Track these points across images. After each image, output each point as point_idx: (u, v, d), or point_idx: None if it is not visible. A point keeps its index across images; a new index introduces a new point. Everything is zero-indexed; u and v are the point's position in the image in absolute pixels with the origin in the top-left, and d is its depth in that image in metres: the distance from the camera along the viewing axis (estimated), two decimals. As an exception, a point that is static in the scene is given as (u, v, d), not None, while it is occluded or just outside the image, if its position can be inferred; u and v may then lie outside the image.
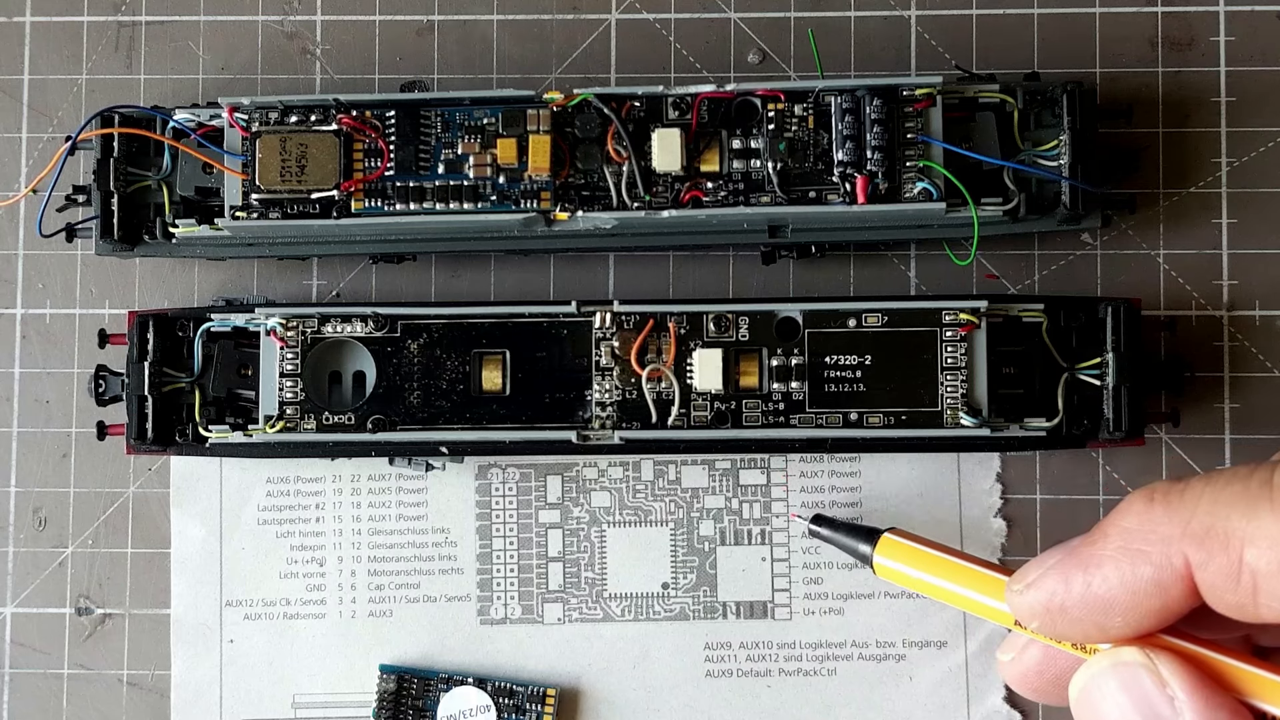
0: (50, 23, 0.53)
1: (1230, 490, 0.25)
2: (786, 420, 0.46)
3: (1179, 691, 0.26)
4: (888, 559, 0.35)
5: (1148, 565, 0.26)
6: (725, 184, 0.47)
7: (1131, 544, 0.26)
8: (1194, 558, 0.25)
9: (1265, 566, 0.24)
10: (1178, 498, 0.26)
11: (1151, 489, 0.26)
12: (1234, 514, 0.25)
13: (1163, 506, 0.26)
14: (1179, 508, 0.25)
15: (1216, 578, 0.25)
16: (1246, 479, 0.25)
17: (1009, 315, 0.47)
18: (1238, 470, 0.25)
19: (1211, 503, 0.25)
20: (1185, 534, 0.25)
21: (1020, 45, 0.52)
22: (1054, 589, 0.27)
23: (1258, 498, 0.24)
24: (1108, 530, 0.26)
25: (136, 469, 0.52)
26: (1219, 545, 0.25)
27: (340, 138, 0.47)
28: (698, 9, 0.52)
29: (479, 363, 0.47)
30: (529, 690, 0.49)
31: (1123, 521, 0.26)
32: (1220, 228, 0.51)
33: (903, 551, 0.35)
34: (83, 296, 0.53)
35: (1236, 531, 0.24)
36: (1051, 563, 0.27)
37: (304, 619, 0.51)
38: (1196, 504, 0.25)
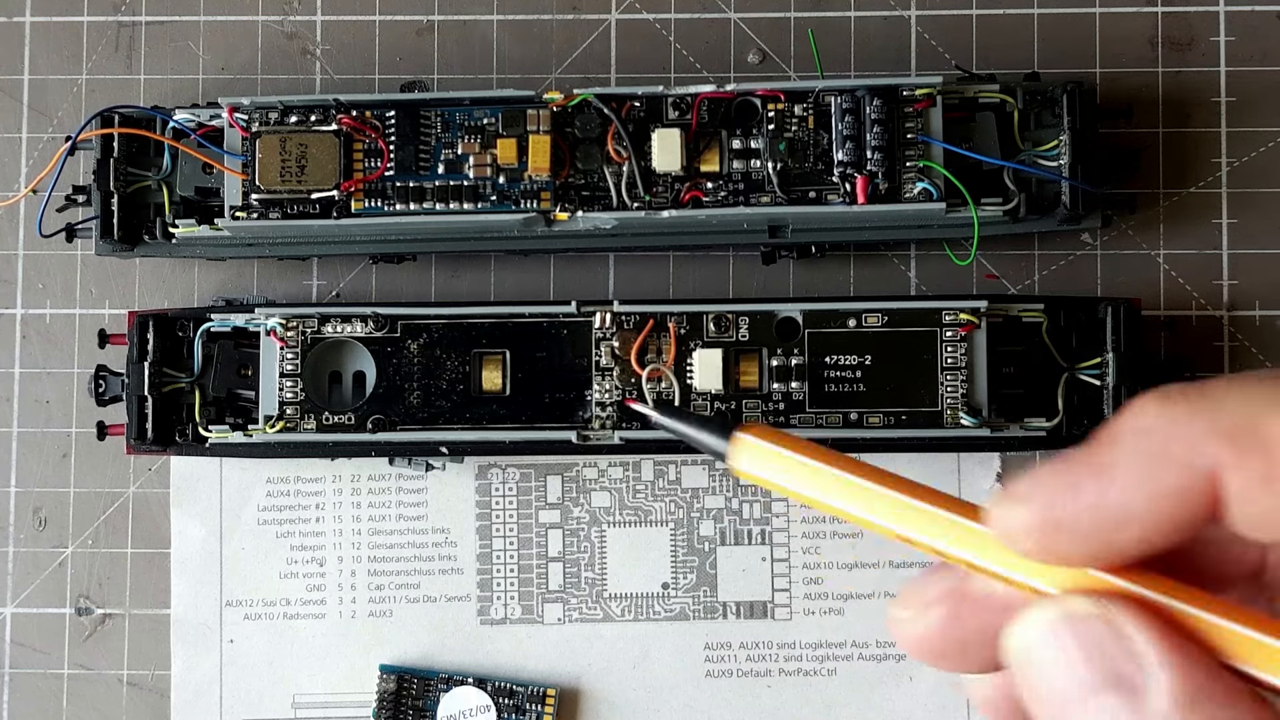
0: (50, 23, 0.53)
1: (1263, 389, 0.22)
2: (787, 420, 0.46)
3: (1146, 648, 0.22)
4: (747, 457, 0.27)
5: (1171, 468, 0.22)
6: (725, 184, 0.47)
7: (1151, 446, 0.22)
8: (1224, 457, 0.22)
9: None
10: (1199, 395, 0.22)
11: (1166, 389, 0.23)
12: (1270, 412, 0.22)
13: (1183, 405, 0.22)
14: (1203, 404, 0.22)
15: (1249, 481, 0.22)
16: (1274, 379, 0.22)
17: (1009, 315, 0.47)
18: (1265, 372, 0.23)
19: (1242, 399, 0.22)
20: (1213, 431, 0.22)
21: (1020, 45, 0.52)
22: (1056, 500, 0.23)
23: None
24: (1117, 434, 0.23)
25: (136, 469, 0.52)
26: (1254, 444, 0.22)
27: (340, 138, 0.47)
28: (698, 9, 0.52)
29: (479, 363, 0.47)
30: (529, 690, 0.49)
31: (1136, 423, 0.23)
32: (1220, 228, 0.51)
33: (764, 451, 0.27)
34: (83, 296, 0.53)
35: (1274, 430, 0.21)
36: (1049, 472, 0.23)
37: (304, 619, 0.51)
38: (1225, 399, 0.22)
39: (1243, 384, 0.22)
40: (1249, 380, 0.22)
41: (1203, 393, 0.22)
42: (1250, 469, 0.22)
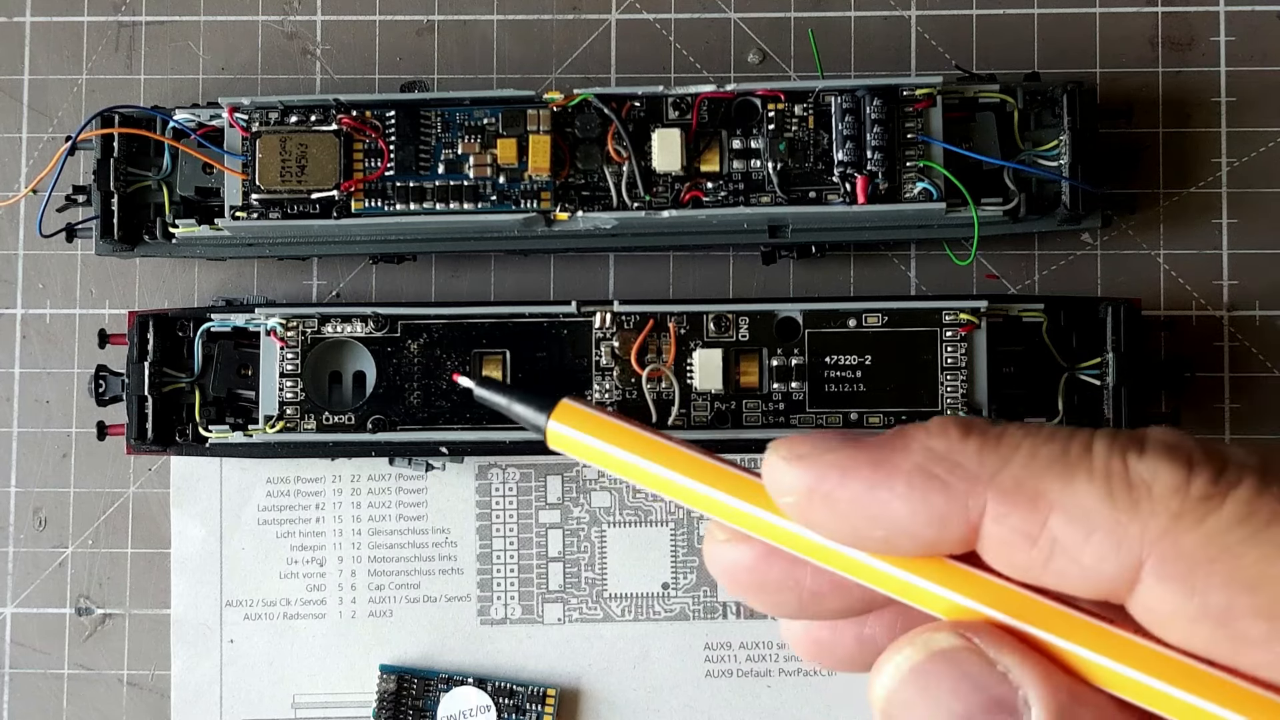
0: (50, 23, 0.53)
1: (1049, 449, 0.23)
2: (787, 420, 0.46)
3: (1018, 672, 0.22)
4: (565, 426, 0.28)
5: (942, 496, 0.23)
6: (725, 184, 0.47)
7: (933, 468, 0.23)
8: (994, 509, 0.23)
9: (1067, 537, 0.22)
10: (994, 440, 0.23)
11: (969, 421, 0.24)
12: (1049, 475, 0.23)
13: (977, 443, 0.23)
14: (994, 452, 0.23)
15: (1011, 535, 0.23)
16: (1067, 441, 0.23)
17: (1009, 315, 0.47)
18: (1058, 431, 0.24)
19: (1029, 457, 0.23)
20: (993, 481, 0.23)
21: (1020, 45, 0.52)
22: (829, 474, 0.24)
23: (1076, 464, 0.23)
24: (910, 443, 0.24)
25: (136, 469, 0.52)
26: (1025, 503, 0.23)
27: (340, 138, 0.47)
28: (698, 9, 0.52)
29: (479, 363, 0.47)
30: (529, 690, 0.49)
31: (931, 441, 0.24)
32: (1220, 228, 0.51)
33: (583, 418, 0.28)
34: (83, 296, 0.53)
35: (1047, 494, 0.23)
36: (833, 444, 0.24)
37: (304, 619, 0.51)
38: (1013, 454, 0.23)
39: (1035, 439, 0.23)
40: (1041, 436, 0.23)
41: (999, 438, 0.23)
42: (1015, 524, 0.23)
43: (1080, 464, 0.23)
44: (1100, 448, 0.23)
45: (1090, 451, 0.23)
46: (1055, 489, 0.22)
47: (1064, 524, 0.22)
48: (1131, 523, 0.22)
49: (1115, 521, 0.22)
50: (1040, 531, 0.22)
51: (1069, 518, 0.22)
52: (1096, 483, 0.22)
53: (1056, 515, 0.22)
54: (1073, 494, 0.22)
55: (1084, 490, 0.22)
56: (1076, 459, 0.23)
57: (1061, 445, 0.23)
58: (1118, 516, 0.22)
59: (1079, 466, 0.23)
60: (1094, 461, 0.23)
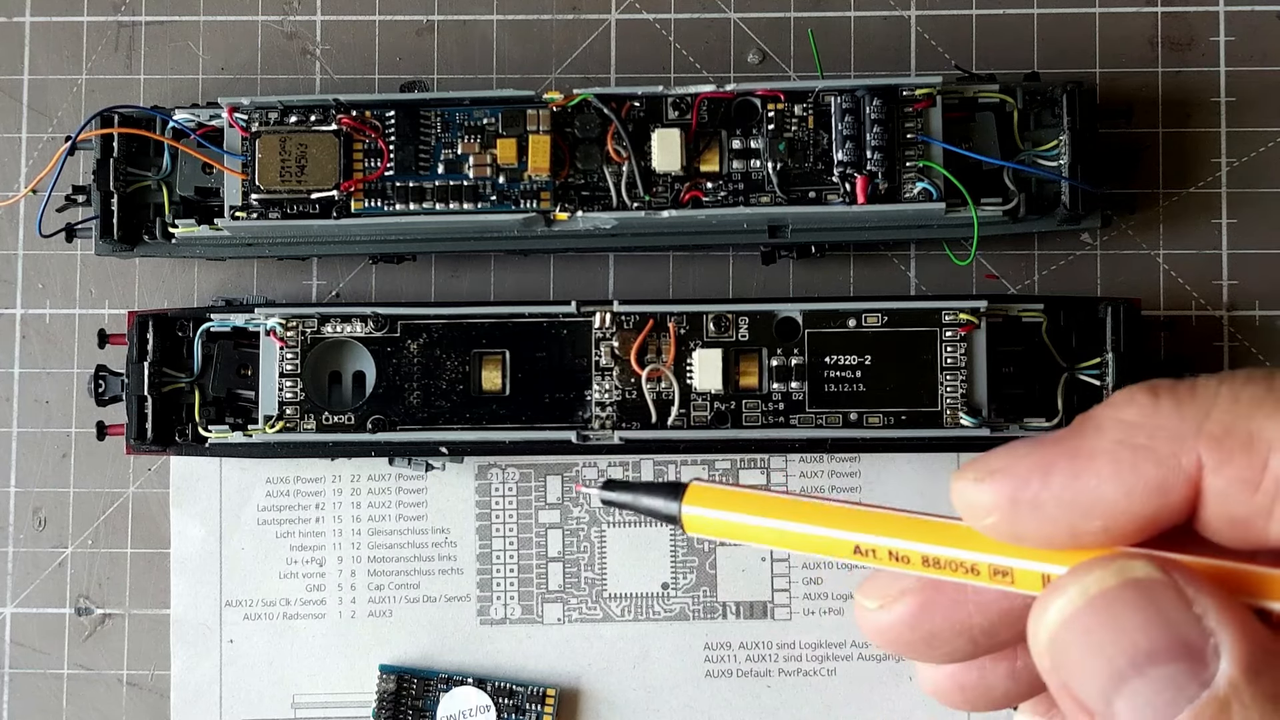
0: (50, 23, 0.53)
1: (1251, 389, 0.21)
2: (786, 420, 0.46)
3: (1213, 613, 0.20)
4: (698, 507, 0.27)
5: (1152, 463, 0.21)
6: (725, 184, 0.47)
7: (1134, 438, 0.21)
8: (1209, 458, 0.21)
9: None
10: (1188, 393, 0.22)
11: (1154, 383, 0.22)
12: (1260, 414, 0.21)
13: (1171, 400, 0.22)
14: (1191, 403, 0.22)
15: (1232, 484, 0.21)
16: (1270, 378, 0.21)
17: (1009, 315, 0.47)
18: (1254, 371, 0.22)
19: (1231, 400, 0.21)
20: (1200, 430, 0.21)
21: (1020, 45, 0.52)
22: (1027, 479, 0.22)
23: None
24: (1102, 421, 0.22)
25: (136, 469, 0.52)
26: (1240, 447, 0.21)
27: (340, 138, 0.47)
28: (698, 9, 0.52)
29: (479, 363, 0.47)
30: (529, 690, 0.49)
31: (1121, 414, 0.22)
32: (1220, 228, 0.51)
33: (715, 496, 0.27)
34: (83, 296, 0.53)
35: (1262, 433, 0.21)
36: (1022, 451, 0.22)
37: (304, 619, 0.51)
38: (1214, 399, 0.21)
39: (1232, 383, 0.22)
40: (1239, 379, 0.22)
41: (1192, 389, 0.22)
42: (1234, 472, 0.21)
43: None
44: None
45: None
46: (1269, 426, 0.21)
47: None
48: None
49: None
50: (1262, 473, 0.21)
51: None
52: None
53: (1277, 455, 0.21)
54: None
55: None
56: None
57: (1265, 383, 0.21)
58: None
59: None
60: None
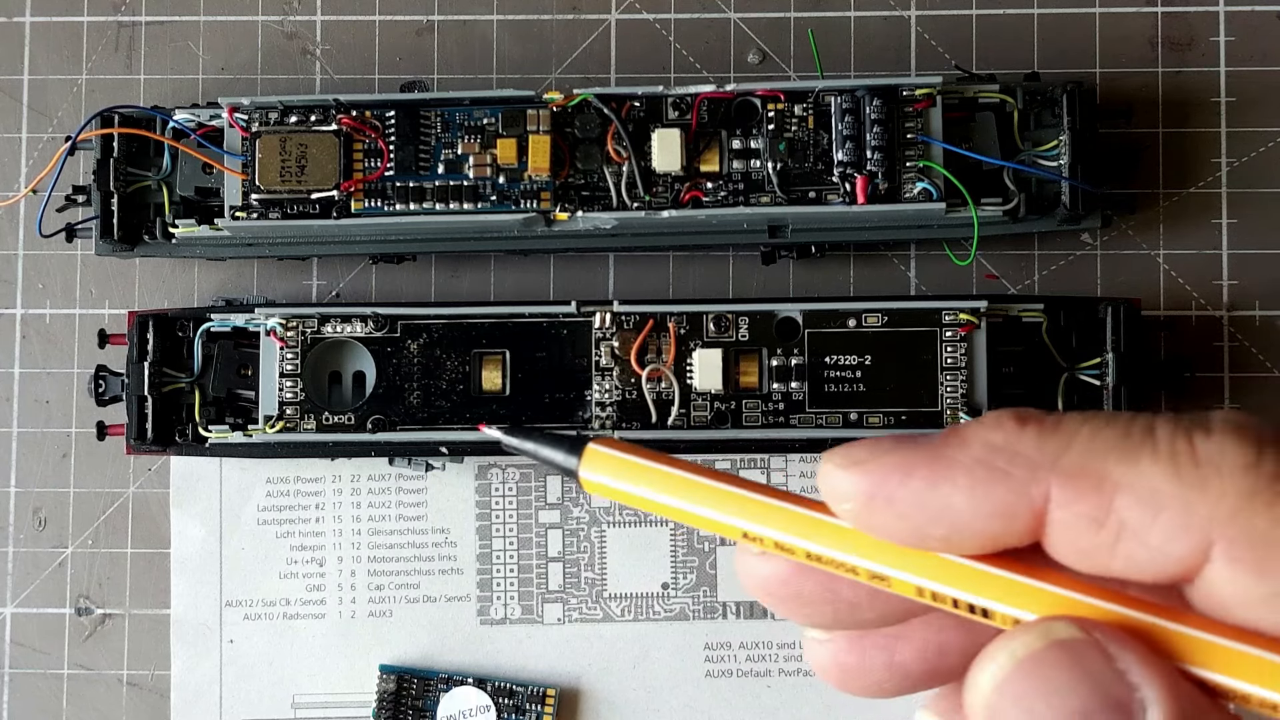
0: (50, 23, 0.53)
1: (1110, 432, 0.22)
2: (786, 420, 0.46)
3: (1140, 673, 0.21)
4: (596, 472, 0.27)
5: (1004, 488, 0.22)
6: (725, 184, 0.47)
7: (994, 460, 0.23)
8: (1058, 494, 0.22)
9: (1135, 519, 0.22)
10: (1053, 427, 0.23)
11: (1025, 411, 0.23)
12: (1112, 457, 0.22)
13: (1035, 431, 0.23)
14: (1053, 437, 0.23)
15: (1077, 520, 0.22)
16: (1128, 424, 0.22)
17: (1009, 315, 0.47)
18: (1117, 415, 0.23)
19: (1090, 440, 0.22)
20: (1055, 465, 0.22)
21: (1020, 45, 0.52)
22: (888, 476, 0.23)
23: (1140, 445, 0.22)
24: (969, 437, 0.23)
25: (136, 469, 0.52)
26: (1090, 486, 0.22)
27: (340, 138, 0.47)
28: (698, 9, 0.52)
29: (479, 363, 0.47)
30: (529, 690, 0.49)
31: (988, 434, 0.23)
32: (1220, 228, 0.51)
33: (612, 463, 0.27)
34: (83, 296, 0.53)
35: (1112, 476, 0.22)
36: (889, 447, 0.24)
37: (304, 619, 0.51)
38: (1073, 438, 0.23)
39: (1094, 423, 0.23)
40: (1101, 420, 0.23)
41: (1058, 424, 0.23)
42: (1081, 509, 0.22)
43: (1144, 444, 0.22)
44: (1164, 429, 0.22)
45: (1154, 433, 0.22)
46: (1120, 470, 0.22)
47: (1131, 505, 0.22)
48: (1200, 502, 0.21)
49: (1184, 501, 0.21)
50: (1107, 514, 0.22)
51: (1136, 498, 0.22)
52: (1162, 462, 0.22)
53: (1123, 496, 0.22)
54: (1138, 474, 0.22)
55: (1149, 470, 0.22)
56: (1140, 440, 0.22)
57: (1124, 428, 0.22)
58: (1186, 495, 0.21)
59: (1143, 447, 0.22)
60: (1159, 442, 0.22)
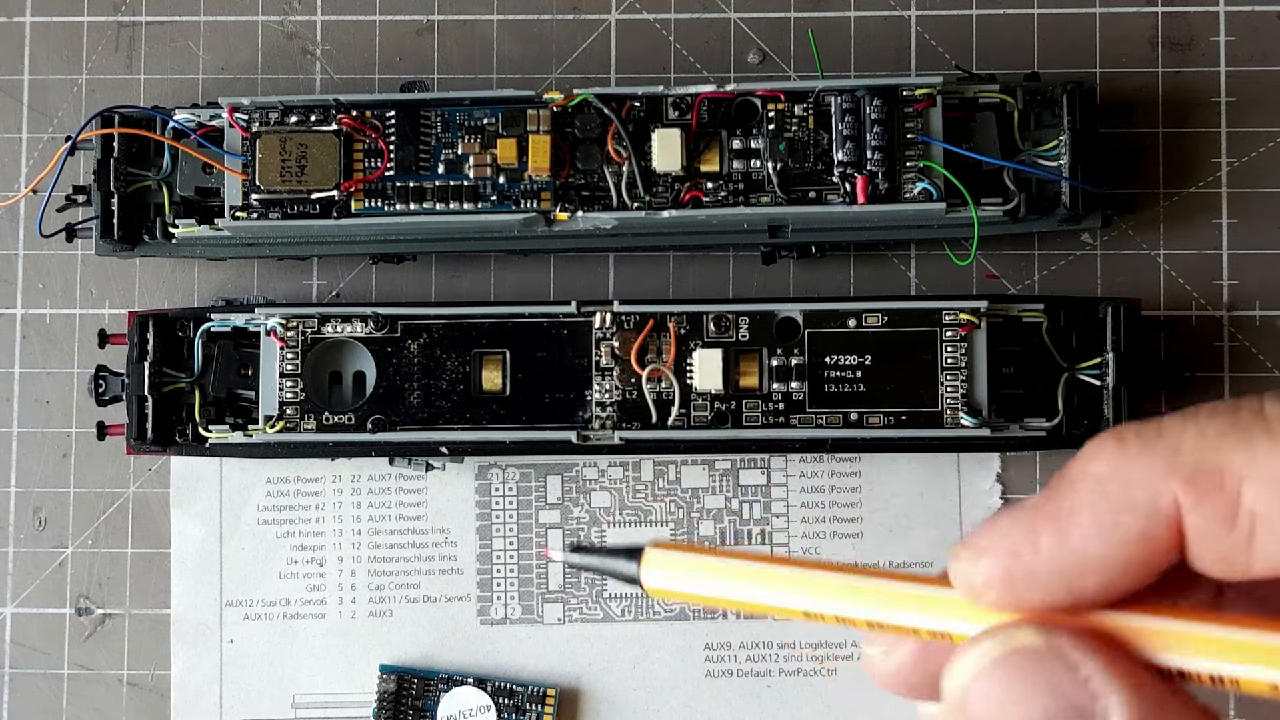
0: (50, 23, 0.53)
1: (1218, 422, 0.21)
2: (786, 420, 0.46)
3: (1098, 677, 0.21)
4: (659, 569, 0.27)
5: (1131, 512, 0.22)
6: (725, 184, 0.47)
7: (1109, 489, 0.22)
8: (1184, 498, 0.21)
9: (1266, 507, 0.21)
10: (1154, 435, 0.22)
11: (1120, 429, 0.22)
12: (1227, 447, 0.21)
13: (1139, 445, 0.22)
14: (1158, 444, 0.22)
15: (1209, 521, 0.21)
16: (1234, 410, 0.21)
17: (1009, 315, 0.47)
18: (1219, 404, 0.22)
19: (1198, 436, 0.21)
20: (1171, 471, 0.21)
21: (1020, 45, 0.52)
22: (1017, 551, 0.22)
23: (1251, 429, 0.21)
24: (1074, 479, 0.22)
25: (136, 469, 0.52)
26: (1212, 483, 0.21)
27: (340, 138, 0.47)
28: (698, 9, 0.52)
29: (479, 363, 0.47)
30: (529, 690, 0.49)
31: (1091, 467, 0.22)
32: (1220, 228, 0.51)
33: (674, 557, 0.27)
34: (83, 296, 0.53)
35: (1232, 467, 0.21)
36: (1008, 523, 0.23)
37: (304, 619, 0.51)
38: (1180, 438, 0.22)
39: (1197, 420, 0.22)
40: (1203, 414, 0.22)
41: (1159, 431, 0.22)
42: (1210, 509, 0.21)
43: (1255, 427, 0.21)
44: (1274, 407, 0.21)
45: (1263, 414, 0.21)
46: (1239, 459, 0.21)
47: (1257, 493, 0.21)
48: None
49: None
50: (1236, 509, 0.21)
51: (1258, 486, 0.21)
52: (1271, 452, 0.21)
53: (1248, 486, 0.21)
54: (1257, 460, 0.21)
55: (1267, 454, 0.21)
56: (1249, 424, 0.21)
57: (1229, 416, 0.21)
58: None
59: (1255, 430, 0.21)
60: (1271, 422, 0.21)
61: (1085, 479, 0.22)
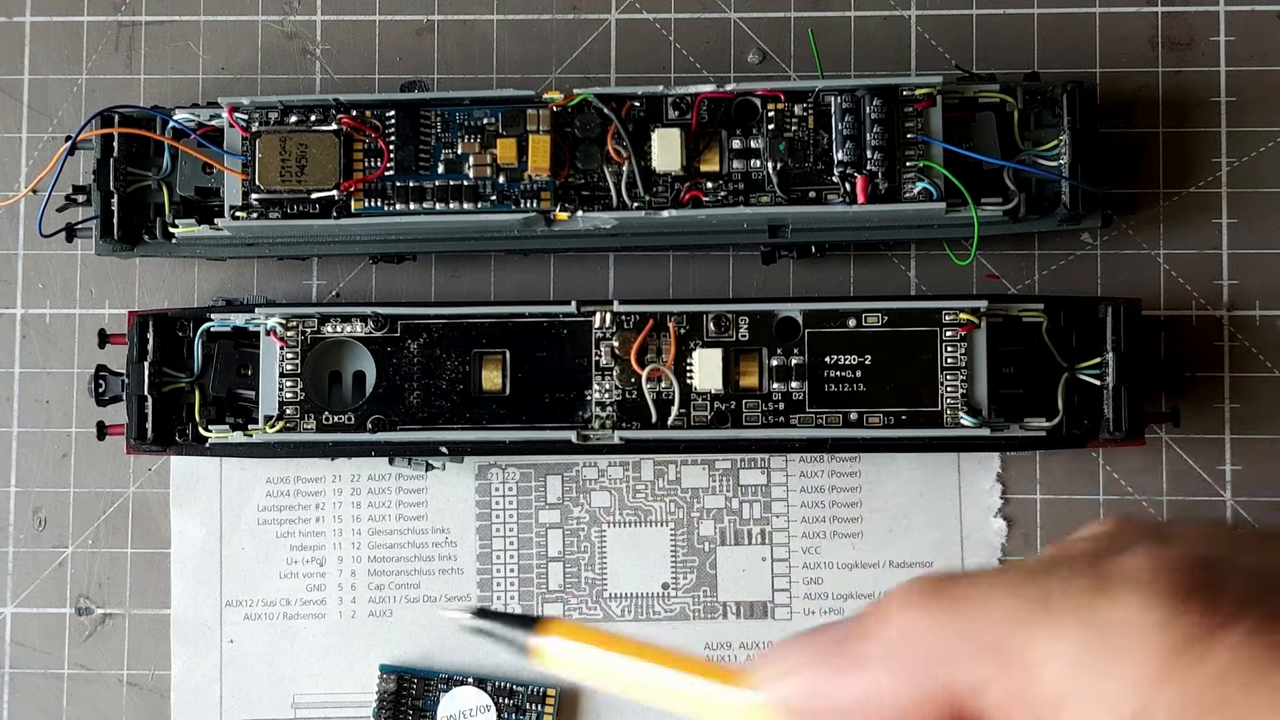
0: (50, 23, 0.53)
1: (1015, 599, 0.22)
2: (786, 420, 0.46)
3: None
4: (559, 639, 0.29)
5: (931, 677, 0.22)
6: (725, 184, 0.47)
7: (899, 652, 0.22)
8: (969, 678, 0.22)
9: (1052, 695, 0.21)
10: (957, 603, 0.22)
11: (922, 585, 0.23)
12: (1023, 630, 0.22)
13: (939, 612, 0.22)
14: (957, 616, 0.22)
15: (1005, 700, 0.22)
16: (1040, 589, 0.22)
17: (1009, 315, 0.47)
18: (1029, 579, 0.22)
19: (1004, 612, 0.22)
20: (961, 650, 0.22)
21: (1020, 45, 0.52)
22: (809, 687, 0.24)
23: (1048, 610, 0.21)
24: (869, 629, 0.23)
25: (136, 469, 0.52)
26: (1001, 667, 0.22)
27: (340, 138, 0.47)
28: (698, 9, 0.52)
29: (479, 363, 0.47)
30: (529, 690, 0.49)
31: (891, 621, 0.23)
32: (1220, 228, 0.51)
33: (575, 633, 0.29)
34: (83, 296, 0.53)
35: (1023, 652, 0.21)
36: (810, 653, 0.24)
37: (304, 619, 0.51)
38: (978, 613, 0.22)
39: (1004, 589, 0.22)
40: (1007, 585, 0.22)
41: (968, 596, 0.22)
42: (1007, 688, 0.21)
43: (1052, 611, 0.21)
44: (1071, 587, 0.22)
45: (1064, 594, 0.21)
46: (1031, 645, 0.21)
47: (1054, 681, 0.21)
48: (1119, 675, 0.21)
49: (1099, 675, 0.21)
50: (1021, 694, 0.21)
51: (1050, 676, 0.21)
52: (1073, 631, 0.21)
53: (1038, 674, 0.21)
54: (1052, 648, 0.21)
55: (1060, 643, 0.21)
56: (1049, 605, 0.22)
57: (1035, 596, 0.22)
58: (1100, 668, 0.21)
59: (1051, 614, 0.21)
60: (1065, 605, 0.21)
61: (888, 634, 0.23)
